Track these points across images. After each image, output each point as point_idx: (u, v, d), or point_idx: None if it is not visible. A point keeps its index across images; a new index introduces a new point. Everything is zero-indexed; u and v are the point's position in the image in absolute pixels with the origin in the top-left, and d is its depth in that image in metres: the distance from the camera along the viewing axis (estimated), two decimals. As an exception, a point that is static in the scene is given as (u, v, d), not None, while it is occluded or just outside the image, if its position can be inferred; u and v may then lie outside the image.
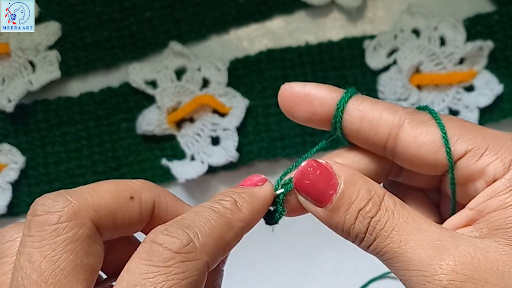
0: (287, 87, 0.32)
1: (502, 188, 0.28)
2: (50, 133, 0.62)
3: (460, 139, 0.29)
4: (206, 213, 0.28)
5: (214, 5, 0.62)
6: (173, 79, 0.61)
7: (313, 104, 0.31)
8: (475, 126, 0.30)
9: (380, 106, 0.30)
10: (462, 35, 0.59)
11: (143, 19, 0.62)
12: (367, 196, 0.30)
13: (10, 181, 0.61)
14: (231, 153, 0.59)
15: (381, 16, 0.62)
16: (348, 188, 0.30)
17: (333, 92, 0.31)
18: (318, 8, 0.62)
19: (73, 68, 0.63)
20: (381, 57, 0.60)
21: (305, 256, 0.60)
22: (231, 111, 0.60)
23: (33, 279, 0.26)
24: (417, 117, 0.30)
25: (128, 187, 0.29)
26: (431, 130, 0.29)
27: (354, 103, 0.31)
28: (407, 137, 0.30)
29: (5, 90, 0.61)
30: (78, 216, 0.27)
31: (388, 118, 0.30)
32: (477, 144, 0.29)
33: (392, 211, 0.29)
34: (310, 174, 0.30)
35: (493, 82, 0.58)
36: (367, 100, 0.31)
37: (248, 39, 0.63)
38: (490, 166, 0.28)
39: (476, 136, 0.29)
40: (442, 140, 0.29)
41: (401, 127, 0.30)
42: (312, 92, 0.31)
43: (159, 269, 0.25)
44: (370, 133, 0.30)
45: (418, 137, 0.29)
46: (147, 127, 0.60)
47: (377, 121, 0.30)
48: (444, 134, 0.29)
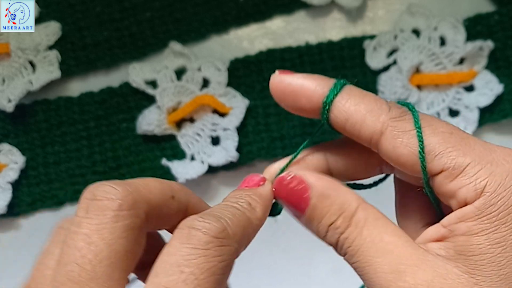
0: (276, 79, 0.31)
1: (470, 215, 0.28)
2: (50, 133, 0.62)
3: (439, 156, 0.28)
4: (230, 209, 0.29)
5: (214, 5, 0.62)
6: (173, 79, 0.61)
7: (300, 101, 0.31)
8: (462, 139, 0.29)
9: (365, 106, 0.30)
10: (462, 35, 0.59)
11: (143, 19, 0.62)
12: (338, 211, 0.30)
13: (10, 181, 0.61)
14: (231, 153, 0.59)
15: (381, 16, 0.62)
16: (319, 203, 0.30)
17: (320, 87, 0.30)
18: (318, 8, 0.62)
19: (73, 68, 0.63)
20: (381, 57, 0.60)
21: (306, 256, 0.60)
22: (231, 111, 0.60)
23: (88, 258, 0.26)
24: (399, 126, 0.29)
25: (170, 187, 0.31)
26: (411, 143, 0.29)
27: (340, 102, 0.30)
28: (388, 145, 0.29)
29: (5, 90, 0.61)
30: (135, 207, 0.28)
31: (370, 123, 0.29)
32: (455, 163, 0.28)
33: (361, 228, 0.29)
34: (285, 187, 0.31)
35: (493, 82, 0.58)
36: (353, 98, 0.30)
37: (248, 39, 0.63)
38: (462, 190, 0.28)
39: (457, 153, 0.28)
40: (419, 156, 0.28)
41: (382, 134, 0.29)
42: (299, 88, 0.31)
43: (200, 251, 0.26)
44: (354, 132, 0.30)
45: (398, 148, 0.29)
46: (147, 127, 0.60)
47: (360, 124, 0.29)
48: (422, 150, 0.28)
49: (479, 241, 0.27)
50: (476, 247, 0.27)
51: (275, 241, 0.60)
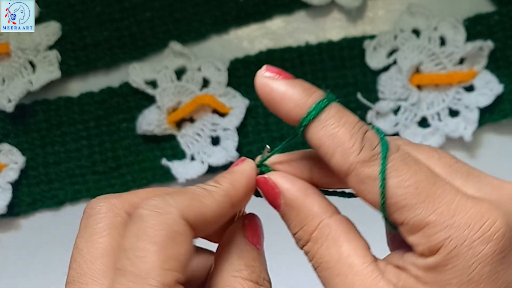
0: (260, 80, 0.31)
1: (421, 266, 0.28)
2: (50, 133, 0.62)
3: (400, 211, 0.28)
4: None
5: (214, 5, 0.62)
6: (173, 79, 0.61)
7: (279, 112, 0.31)
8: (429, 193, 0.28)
9: (338, 141, 0.29)
10: (462, 35, 0.59)
11: (143, 19, 0.62)
12: (300, 224, 0.31)
13: (10, 181, 0.61)
14: (231, 153, 0.59)
15: (381, 16, 0.62)
16: (287, 211, 0.31)
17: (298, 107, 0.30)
18: (318, 8, 0.62)
19: (73, 68, 0.63)
20: (381, 57, 0.60)
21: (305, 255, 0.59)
22: (231, 111, 0.60)
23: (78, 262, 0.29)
24: (366, 172, 0.29)
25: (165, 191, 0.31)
26: (373, 192, 0.29)
27: (315, 128, 0.30)
28: (352, 185, 0.29)
29: (5, 90, 0.61)
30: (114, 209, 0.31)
31: (338, 162, 0.29)
32: (415, 221, 0.28)
33: (320, 245, 0.30)
34: (262, 188, 0.32)
35: (493, 82, 0.58)
36: (328, 127, 0.29)
37: (248, 39, 0.63)
38: (418, 247, 0.28)
39: (419, 210, 0.28)
40: (380, 209, 0.29)
41: (348, 175, 0.29)
42: (279, 100, 0.30)
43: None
44: (325, 159, 0.30)
45: (362, 192, 0.29)
46: (147, 127, 0.60)
47: (329, 157, 0.29)
48: (383, 203, 0.28)
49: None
50: None
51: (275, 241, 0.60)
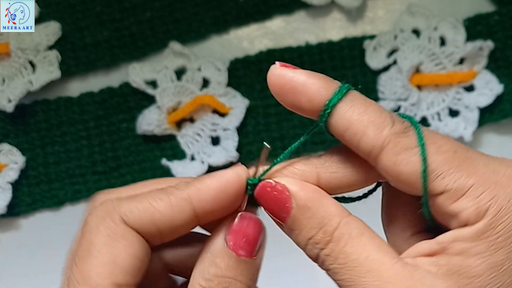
0: (276, 72, 0.29)
1: (468, 236, 0.27)
2: (50, 133, 0.62)
3: (441, 175, 0.27)
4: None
5: (214, 5, 0.62)
6: (173, 79, 0.61)
7: (300, 100, 0.29)
8: (465, 159, 0.28)
9: (368, 117, 0.28)
10: (462, 35, 0.59)
11: (143, 19, 0.62)
12: (318, 225, 0.29)
13: (10, 181, 0.61)
14: (231, 153, 0.59)
15: (381, 16, 0.62)
16: (300, 215, 0.29)
17: (323, 89, 0.29)
18: (318, 8, 0.62)
19: (73, 68, 0.63)
20: (381, 57, 0.60)
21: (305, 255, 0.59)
22: (231, 111, 0.60)
23: None
24: (402, 142, 0.28)
25: None
26: (412, 161, 0.27)
27: (342, 109, 0.28)
28: (387, 162, 0.28)
29: (5, 90, 0.61)
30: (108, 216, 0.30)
31: (371, 136, 0.28)
32: (459, 184, 0.27)
33: (344, 245, 0.28)
34: (267, 194, 0.30)
35: (493, 82, 0.58)
36: (356, 106, 0.28)
37: (248, 39, 0.63)
38: (464, 212, 0.27)
39: (460, 174, 0.27)
40: (421, 176, 0.27)
41: (383, 149, 0.28)
42: (301, 86, 0.29)
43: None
44: (352, 143, 0.29)
45: (398, 166, 0.28)
46: (147, 127, 0.60)
47: (360, 135, 0.28)
48: (424, 170, 0.27)
49: (475, 264, 0.27)
50: (471, 269, 0.27)
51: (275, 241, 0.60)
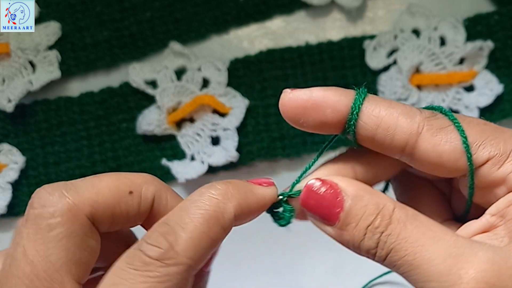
0: (290, 96, 0.29)
1: None
2: (50, 133, 0.62)
3: (482, 145, 0.28)
4: (191, 211, 0.28)
5: (214, 5, 0.62)
6: (173, 79, 0.61)
7: (325, 112, 0.29)
8: (496, 128, 0.29)
9: (396, 110, 0.28)
10: (462, 35, 0.59)
11: (143, 19, 0.62)
12: (375, 210, 0.28)
13: (10, 181, 0.61)
14: (231, 153, 0.59)
15: (381, 16, 0.62)
16: (355, 205, 0.29)
17: (344, 96, 0.29)
18: (318, 8, 0.62)
19: (73, 68, 0.63)
20: (381, 57, 0.60)
21: (306, 255, 0.60)
22: (231, 111, 0.60)
23: (26, 271, 0.27)
24: (436, 123, 0.28)
25: (129, 182, 0.30)
26: (451, 137, 0.28)
27: (369, 108, 0.29)
28: (427, 145, 0.28)
29: (5, 90, 0.61)
30: (72, 212, 0.28)
31: (405, 125, 0.28)
32: (499, 150, 0.28)
33: (404, 223, 0.28)
34: (315, 193, 0.29)
35: (493, 82, 0.58)
36: (381, 104, 0.29)
37: (248, 39, 0.63)
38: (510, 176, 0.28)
39: (498, 141, 0.28)
40: (463, 148, 0.28)
41: (420, 135, 0.28)
42: (322, 99, 0.29)
43: (139, 272, 0.26)
44: (386, 140, 0.29)
45: (438, 146, 0.28)
46: (147, 127, 0.60)
47: (394, 128, 0.28)
48: (465, 140, 0.28)
49: None
50: None
51: (275, 240, 0.60)
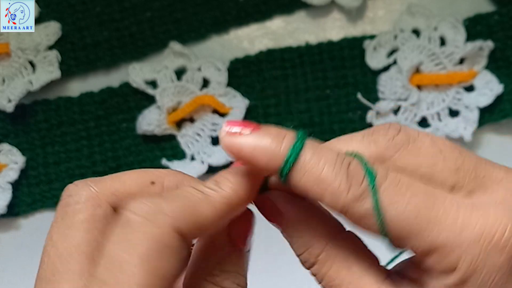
0: (225, 140, 0.29)
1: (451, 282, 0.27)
2: (50, 133, 0.62)
3: (404, 240, 0.27)
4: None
5: (214, 5, 0.62)
6: (173, 79, 0.61)
7: (257, 168, 0.29)
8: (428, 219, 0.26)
9: (323, 184, 0.27)
10: (462, 35, 0.59)
11: (143, 19, 0.62)
12: (305, 246, 0.30)
13: (10, 181, 0.61)
14: (231, 153, 0.59)
15: (381, 16, 0.62)
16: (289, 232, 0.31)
17: (273, 159, 0.28)
18: (318, 8, 0.62)
19: (73, 68, 0.63)
20: (381, 57, 0.60)
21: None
22: (231, 111, 0.60)
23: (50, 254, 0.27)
24: (359, 211, 0.27)
25: (151, 174, 0.31)
26: (373, 225, 0.27)
27: (297, 175, 0.28)
28: (352, 224, 0.28)
29: (5, 90, 0.61)
30: (95, 199, 0.28)
31: (330, 203, 0.27)
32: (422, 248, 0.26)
33: (329, 268, 0.29)
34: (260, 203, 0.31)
35: (493, 82, 0.58)
36: (310, 171, 0.27)
37: (248, 39, 0.63)
38: (432, 270, 0.27)
39: (423, 235, 0.26)
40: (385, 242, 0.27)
41: (345, 215, 0.27)
42: (252, 159, 0.28)
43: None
44: (317, 201, 0.29)
45: (363, 229, 0.27)
46: (147, 127, 0.60)
47: (319, 199, 0.28)
48: (385, 236, 0.27)
49: None
50: None
51: (274, 240, 0.60)
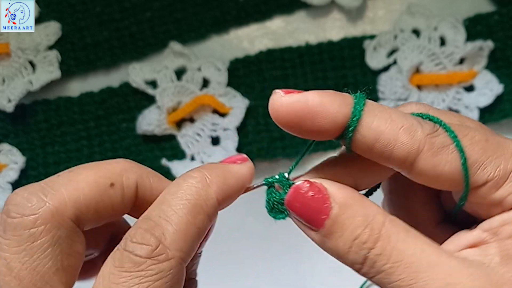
0: (283, 101, 0.27)
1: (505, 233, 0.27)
2: (50, 133, 0.62)
3: (482, 166, 0.27)
4: (172, 203, 0.27)
5: (214, 5, 0.62)
6: (173, 79, 0.61)
7: (321, 123, 0.27)
8: (498, 144, 0.27)
9: (397, 124, 0.27)
10: (462, 35, 0.59)
11: (143, 19, 0.62)
12: (363, 223, 0.27)
13: (10, 181, 0.61)
14: (231, 153, 0.59)
15: (381, 16, 0.62)
16: (342, 214, 0.27)
17: (342, 105, 0.27)
18: (318, 8, 0.62)
19: (73, 68, 0.63)
20: (381, 57, 0.60)
21: (305, 255, 0.60)
22: (231, 111, 0.60)
23: (12, 286, 0.25)
24: (437, 142, 0.27)
25: (108, 173, 0.28)
26: (451, 158, 0.27)
27: (368, 120, 0.27)
28: (426, 164, 0.27)
29: (5, 90, 0.61)
30: (55, 217, 0.26)
31: (405, 142, 0.26)
32: (499, 172, 0.27)
33: (395, 242, 0.26)
34: (302, 195, 0.28)
35: (493, 82, 0.58)
36: (381, 116, 0.27)
37: (248, 39, 0.63)
38: (510, 197, 0.27)
39: (499, 160, 0.27)
40: (462, 170, 0.27)
41: (419, 153, 0.27)
42: (318, 109, 0.27)
43: (132, 273, 0.25)
44: (383, 154, 0.27)
45: (438, 166, 0.27)
46: (147, 127, 0.60)
47: (393, 144, 0.26)
48: (465, 162, 0.27)
49: None
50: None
51: (274, 240, 0.60)
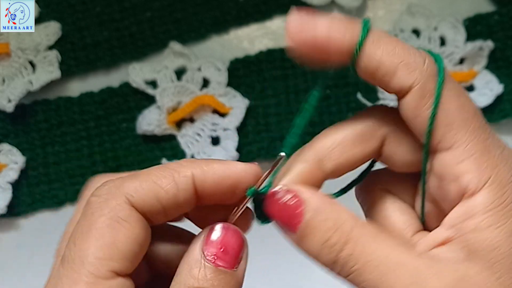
0: (295, 24, 0.28)
1: (477, 210, 0.27)
2: (50, 133, 0.62)
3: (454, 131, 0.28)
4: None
5: (214, 5, 0.62)
6: (173, 79, 0.61)
7: (328, 53, 0.28)
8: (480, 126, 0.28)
9: (398, 58, 0.28)
10: (462, 35, 0.59)
11: (143, 19, 0.62)
12: (333, 226, 0.28)
13: (10, 181, 0.61)
14: (231, 153, 0.59)
15: (381, 16, 0.62)
16: (314, 218, 0.28)
17: (348, 34, 0.28)
18: (318, 8, 0.62)
19: (73, 68, 0.63)
20: (381, 57, 0.60)
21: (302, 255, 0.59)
22: (231, 111, 0.60)
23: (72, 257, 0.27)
24: (429, 86, 0.28)
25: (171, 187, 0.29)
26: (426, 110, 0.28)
27: (371, 49, 0.28)
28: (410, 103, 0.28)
29: (5, 90, 0.61)
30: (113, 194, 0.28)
31: (402, 76, 0.28)
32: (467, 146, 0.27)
33: (364, 244, 0.27)
34: (278, 201, 0.29)
35: (493, 82, 0.58)
36: (384, 45, 0.28)
37: (248, 39, 0.63)
38: (467, 176, 0.27)
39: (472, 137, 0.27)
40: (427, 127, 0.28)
41: (411, 90, 0.28)
42: (326, 40, 0.28)
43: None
44: (383, 83, 0.29)
45: (420, 107, 0.28)
46: (147, 127, 0.60)
47: (390, 76, 0.28)
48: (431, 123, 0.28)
49: (493, 235, 0.27)
50: (490, 242, 0.27)
51: (274, 240, 0.60)
